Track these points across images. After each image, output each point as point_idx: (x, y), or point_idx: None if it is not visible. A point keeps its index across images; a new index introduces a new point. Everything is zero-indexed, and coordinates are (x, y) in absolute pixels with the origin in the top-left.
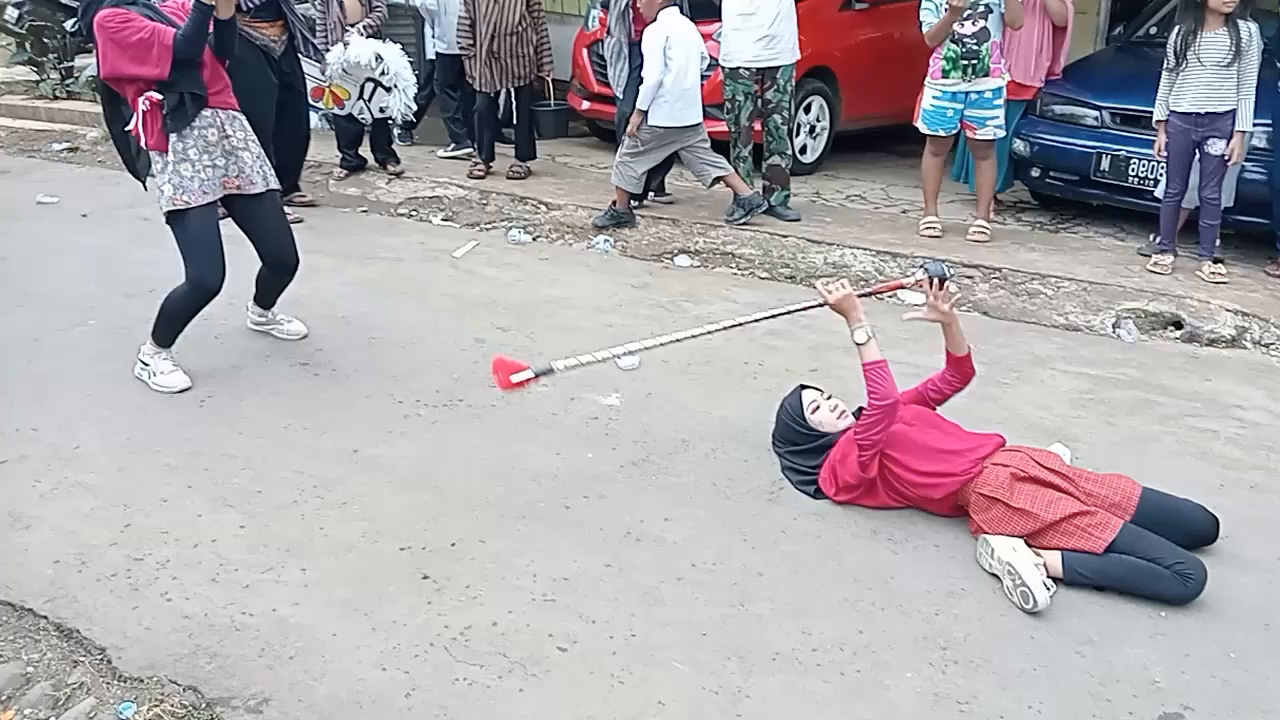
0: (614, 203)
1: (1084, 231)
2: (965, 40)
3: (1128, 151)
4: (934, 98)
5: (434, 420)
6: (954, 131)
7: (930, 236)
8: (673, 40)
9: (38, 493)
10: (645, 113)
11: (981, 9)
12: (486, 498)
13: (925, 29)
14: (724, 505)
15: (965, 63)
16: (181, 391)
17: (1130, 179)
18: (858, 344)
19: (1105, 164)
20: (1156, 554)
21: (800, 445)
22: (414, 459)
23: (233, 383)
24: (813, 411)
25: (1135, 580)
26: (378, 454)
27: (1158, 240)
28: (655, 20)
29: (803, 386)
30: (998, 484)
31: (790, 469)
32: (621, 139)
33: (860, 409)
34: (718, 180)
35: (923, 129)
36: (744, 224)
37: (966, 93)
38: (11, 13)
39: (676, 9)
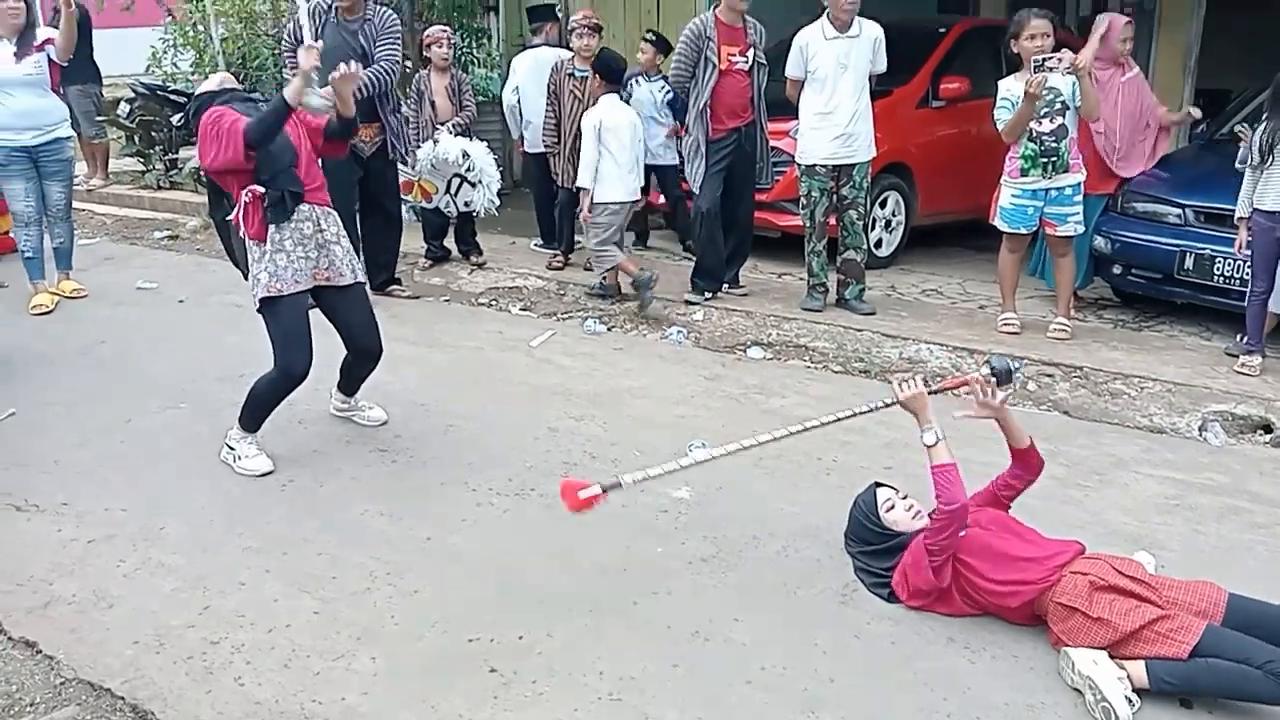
0: (614, 275)
1: (1168, 330)
2: (1044, 138)
3: (1213, 250)
4: (1013, 196)
5: (505, 509)
6: (1034, 229)
7: (1009, 333)
8: (605, 125)
9: (122, 572)
10: (590, 192)
11: (1059, 106)
12: (555, 590)
13: (1001, 126)
14: (795, 606)
15: (1045, 160)
16: (264, 475)
17: (1216, 278)
18: (927, 446)
19: (1189, 262)
20: (1245, 654)
21: (874, 545)
22: (485, 548)
23: (313, 467)
24: (887, 510)
25: (1225, 685)
26: (450, 542)
27: (1245, 340)
28: (595, 104)
29: (877, 484)
30: (1076, 593)
31: (863, 570)
32: (586, 230)
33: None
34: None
35: (1003, 228)
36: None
37: (1046, 189)
38: (124, 108)
39: (616, 96)
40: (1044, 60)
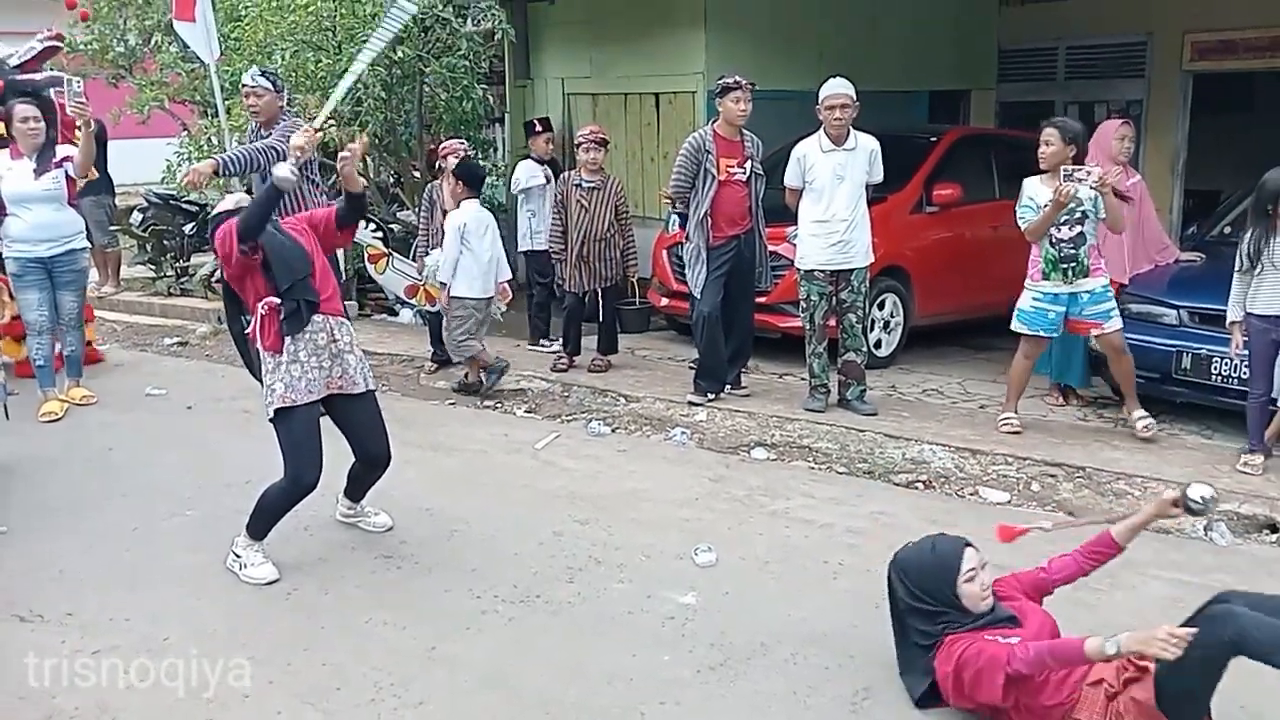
0: (474, 369)
1: (1169, 429)
2: (1062, 245)
3: (1210, 350)
4: (1034, 299)
5: (511, 617)
6: (1053, 334)
7: (1009, 433)
8: (470, 228)
9: (125, 684)
10: (448, 286)
11: (1079, 215)
12: (560, 700)
13: (1024, 225)
14: (805, 715)
15: (1065, 265)
16: (270, 584)
17: (1214, 377)
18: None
19: (1186, 362)
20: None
21: (928, 605)
22: (490, 657)
23: (318, 575)
24: (968, 579)
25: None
26: (455, 652)
27: (1247, 440)
28: (458, 208)
29: (968, 543)
30: (1093, 707)
31: (898, 621)
32: (448, 322)
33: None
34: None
35: (1021, 330)
36: (496, 389)
37: (1069, 294)
38: (137, 216)
39: (476, 201)
40: (1072, 171)
